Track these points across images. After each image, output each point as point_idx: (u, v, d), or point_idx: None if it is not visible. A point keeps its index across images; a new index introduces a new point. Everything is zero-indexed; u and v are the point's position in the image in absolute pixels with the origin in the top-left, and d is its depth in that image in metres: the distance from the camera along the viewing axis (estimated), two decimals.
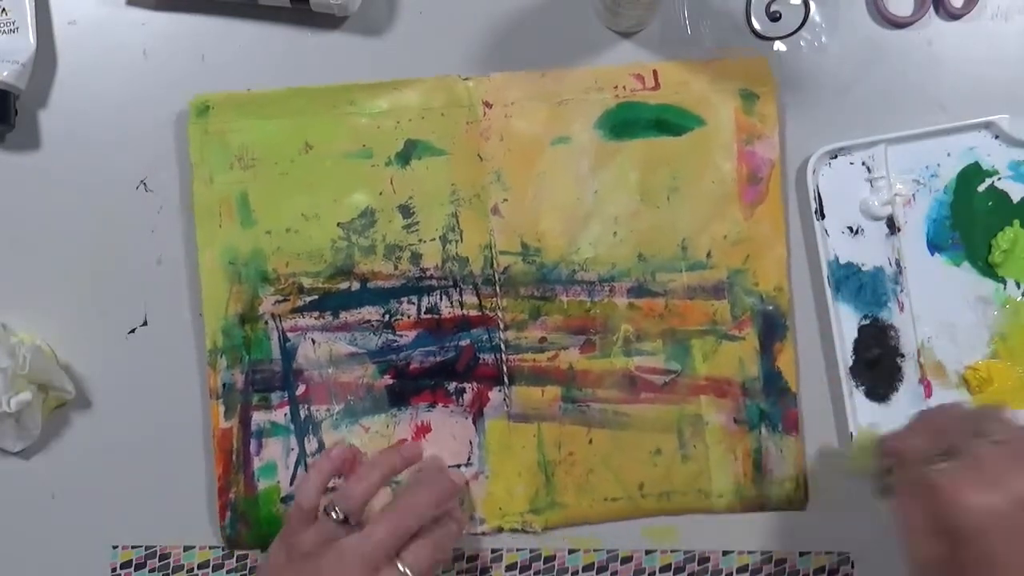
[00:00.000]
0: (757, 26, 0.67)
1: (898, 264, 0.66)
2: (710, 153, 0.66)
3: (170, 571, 0.67)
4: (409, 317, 0.66)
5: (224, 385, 0.66)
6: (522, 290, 0.66)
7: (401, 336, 0.66)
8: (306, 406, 0.66)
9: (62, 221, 0.68)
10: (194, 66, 0.68)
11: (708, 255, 0.66)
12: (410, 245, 0.66)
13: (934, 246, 0.67)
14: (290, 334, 0.66)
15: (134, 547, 0.67)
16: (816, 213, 0.66)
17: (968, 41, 0.67)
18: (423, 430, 0.66)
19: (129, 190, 0.68)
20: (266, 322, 0.66)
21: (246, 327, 0.66)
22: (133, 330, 0.67)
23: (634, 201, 0.66)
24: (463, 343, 0.66)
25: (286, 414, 0.66)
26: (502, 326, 0.66)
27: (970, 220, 0.66)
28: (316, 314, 0.66)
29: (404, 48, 0.68)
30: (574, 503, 0.66)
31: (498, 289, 0.66)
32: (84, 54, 0.68)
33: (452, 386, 0.66)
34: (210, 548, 0.67)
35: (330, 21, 0.68)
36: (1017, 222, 0.66)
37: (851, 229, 0.67)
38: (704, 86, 0.66)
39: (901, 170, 0.67)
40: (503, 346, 0.66)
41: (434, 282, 0.66)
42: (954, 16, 0.67)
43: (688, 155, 0.66)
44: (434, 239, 0.66)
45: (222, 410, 0.66)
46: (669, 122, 0.66)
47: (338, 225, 0.66)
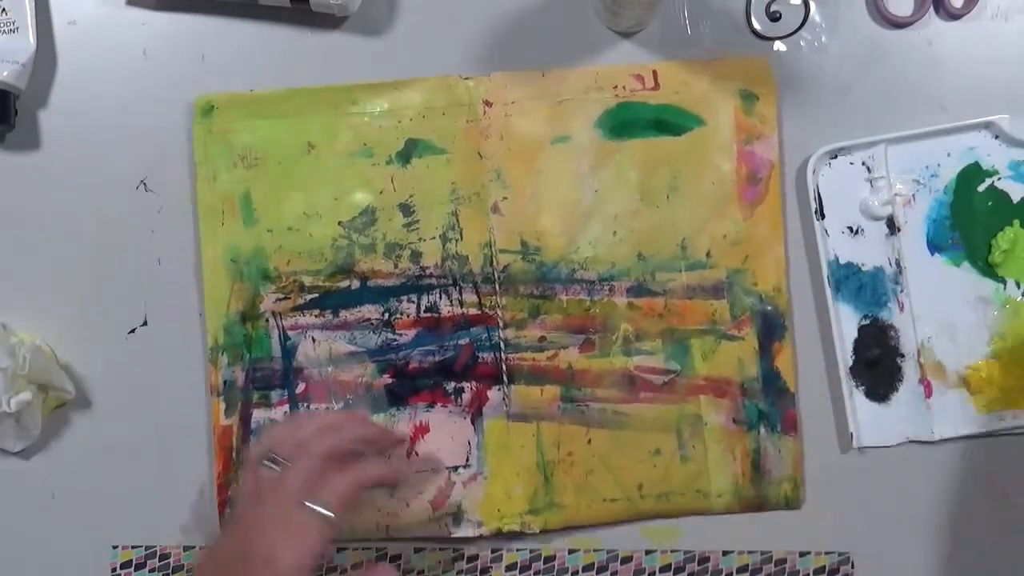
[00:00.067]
0: (757, 26, 0.68)
1: (898, 264, 0.66)
2: (710, 153, 0.66)
3: (170, 571, 0.67)
4: (408, 316, 0.66)
5: (225, 382, 0.66)
6: (522, 289, 0.66)
7: (401, 335, 0.66)
8: (305, 404, 0.66)
9: (62, 221, 0.68)
10: (194, 66, 0.68)
11: (707, 255, 0.66)
12: (410, 243, 0.66)
13: (934, 246, 0.67)
14: (290, 332, 0.66)
15: (134, 547, 0.67)
16: (816, 213, 0.66)
17: (968, 41, 0.67)
18: (422, 430, 0.66)
19: (129, 190, 0.68)
20: (267, 320, 0.66)
21: (247, 325, 0.66)
22: (133, 330, 0.67)
23: (634, 200, 0.66)
24: (462, 342, 0.66)
25: (286, 412, 0.66)
26: (501, 325, 0.66)
27: (970, 220, 0.66)
28: (316, 312, 0.66)
29: (404, 48, 0.68)
30: (573, 504, 0.66)
31: (498, 288, 0.66)
32: (84, 54, 0.69)
33: (451, 386, 0.66)
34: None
35: (330, 21, 0.68)
36: (1017, 222, 0.66)
37: (851, 229, 0.67)
38: (704, 86, 0.67)
39: (901, 170, 0.67)
40: (502, 345, 0.66)
41: (434, 280, 0.66)
42: (954, 16, 0.67)
43: (688, 155, 0.66)
44: (434, 238, 0.66)
45: (223, 407, 0.66)
46: (669, 122, 0.66)
47: (339, 224, 0.66)
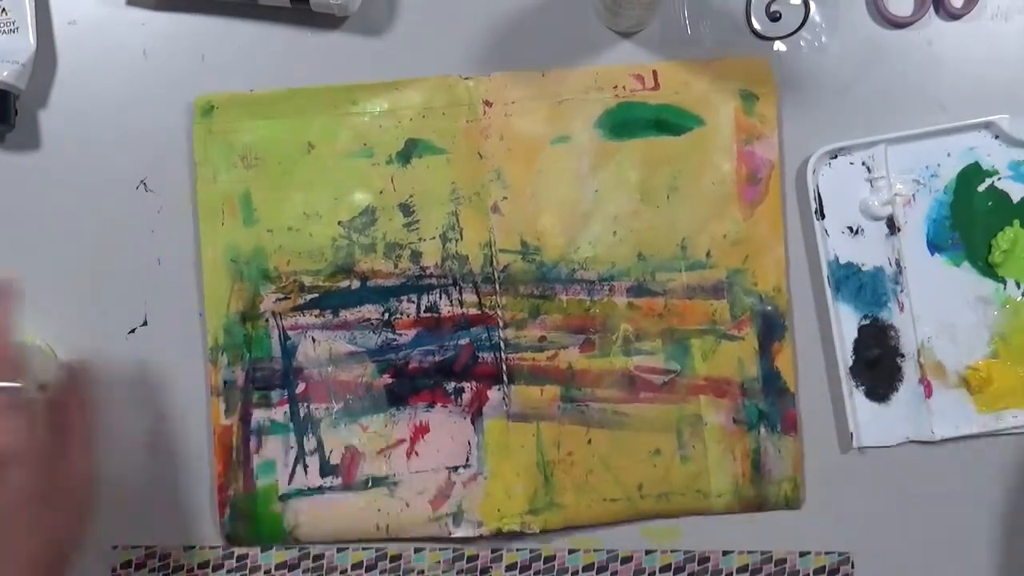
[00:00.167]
0: (757, 26, 0.68)
1: (898, 264, 0.66)
2: (710, 153, 0.66)
3: (170, 571, 0.67)
4: (408, 316, 0.66)
5: (225, 382, 0.66)
6: (522, 289, 0.66)
7: (400, 335, 0.66)
8: (305, 404, 0.66)
9: (62, 221, 0.68)
10: (194, 66, 0.68)
11: (707, 255, 0.66)
12: (410, 243, 0.66)
13: (934, 246, 0.67)
14: (290, 332, 0.66)
15: (134, 547, 0.67)
16: (816, 213, 0.66)
17: (968, 41, 0.67)
18: (422, 430, 0.66)
19: (129, 190, 0.68)
20: (267, 320, 0.66)
21: (247, 325, 0.66)
22: (133, 330, 0.67)
23: (634, 200, 0.66)
24: (462, 342, 0.66)
25: (285, 412, 0.66)
26: (501, 324, 0.66)
27: (970, 220, 0.66)
28: (316, 312, 0.66)
29: (404, 48, 0.68)
30: (573, 504, 0.66)
31: (498, 287, 0.66)
32: (84, 54, 0.69)
33: (451, 386, 0.66)
34: (210, 548, 0.67)
35: (330, 21, 0.68)
36: (1017, 222, 0.66)
37: (851, 229, 0.67)
38: (704, 86, 0.67)
39: (901, 170, 0.67)
40: (502, 344, 0.66)
41: (434, 280, 0.66)
42: (954, 16, 0.67)
43: (688, 155, 0.66)
44: (434, 237, 0.66)
45: (223, 407, 0.66)
46: (669, 122, 0.66)
47: (339, 223, 0.66)
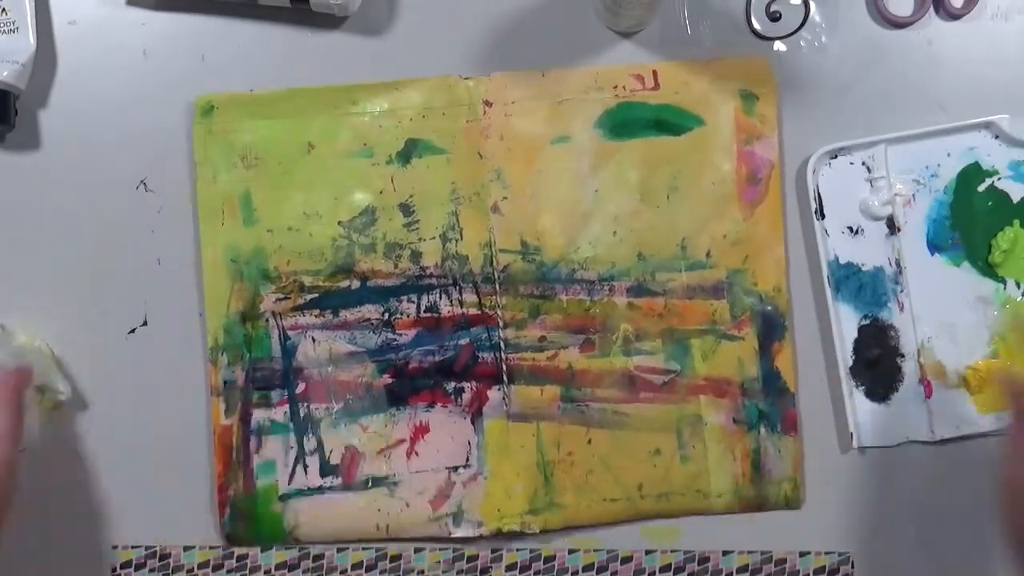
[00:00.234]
0: (757, 26, 0.68)
1: (898, 264, 0.66)
2: (710, 153, 0.66)
3: (170, 571, 0.67)
4: (408, 316, 0.66)
5: (225, 382, 0.66)
6: (522, 288, 0.66)
7: (400, 335, 0.66)
8: (305, 404, 0.66)
9: (62, 221, 0.68)
10: (194, 66, 0.68)
11: (707, 255, 0.66)
12: (410, 243, 0.66)
13: (934, 246, 0.67)
14: (290, 332, 0.66)
15: (134, 547, 0.67)
16: (816, 213, 0.66)
17: (968, 41, 0.67)
18: (422, 430, 0.66)
19: (129, 190, 0.68)
20: (267, 320, 0.66)
21: (247, 325, 0.66)
22: (133, 330, 0.67)
23: (634, 200, 0.66)
24: (462, 342, 0.66)
25: (285, 412, 0.66)
26: (501, 324, 0.66)
27: (970, 220, 0.66)
28: (316, 312, 0.66)
29: (404, 48, 0.68)
30: (573, 504, 0.66)
31: (498, 287, 0.66)
32: (84, 54, 0.68)
33: (451, 386, 0.66)
34: (210, 548, 0.67)
35: (330, 21, 0.68)
36: (1017, 222, 0.66)
37: (851, 229, 0.67)
38: (704, 86, 0.67)
39: (901, 170, 0.67)
40: (502, 344, 0.66)
41: (434, 280, 0.66)
42: (954, 16, 0.67)
43: (688, 155, 0.66)
44: (434, 237, 0.66)
45: (223, 407, 0.66)
46: (669, 122, 0.66)
47: (339, 223, 0.66)
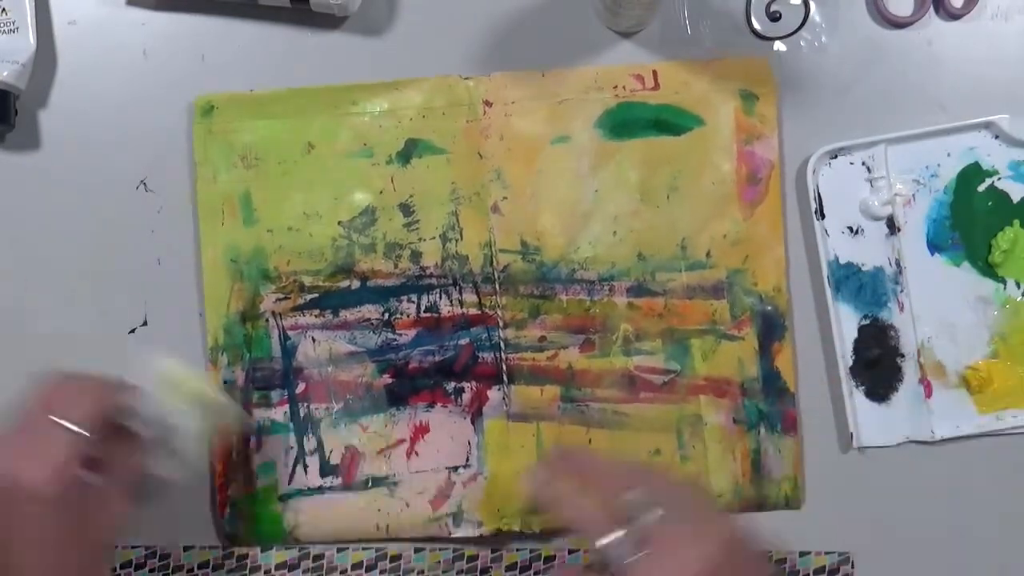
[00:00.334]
0: (757, 26, 0.68)
1: (898, 264, 0.66)
2: (710, 153, 0.66)
3: (170, 571, 0.67)
4: (408, 316, 0.66)
5: (225, 382, 0.66)
6: (522, 288, 0.66)
7: (400, 335, 0.66)
8: (305, 404, 0.66)
9: (62, 221, 0.68)
10: (194, 66, 0.68)
11: (707, 255, 0.66)
12: (410, 243, 0.66)
13: (934, 246, 0.67)
14: (290, 332, 0.66)
15: (134, 547, 0.67)
16: (816, 213, 0.66)
17: (968, 41, 0.67)
18: (421, 430, 0.66)
19: (129, 190, 0.68)
20: (267, 320, 0.66)
21: (247, 325, 0.66)
22: (133, 330, 0.67)
23: (634, 200, 0.66)
24: (462, 342, 0.66)
25: (285, 412, 0.66)
26: (501, 324, 0.66)
27: (970, 220, 0.66)
28: (316, 312, 0.66)
29: (404, 48, 0.68)
30: None
31: (498, 287, 0.66)
32: (84, 54, 0.68)
33: (451, 386, 0.66)
34: (210, 548, 0.67)
35: (330, 21, 0.68)
36: (1017, 222, 0.66)
37: (851, 229, 0.67)
38: (704, 86, 0.67)
39: (901, 170, 0.67)
40: (502, 345, 0.66)
41: (434, 280, 0.66)
42: (954, 16, 0.67)
43: (688, 155, 0.66)
44: (434, 237, 0.66)
45: None
46: (669, 122, 0.66)
47: (339, 223, 0.66)
